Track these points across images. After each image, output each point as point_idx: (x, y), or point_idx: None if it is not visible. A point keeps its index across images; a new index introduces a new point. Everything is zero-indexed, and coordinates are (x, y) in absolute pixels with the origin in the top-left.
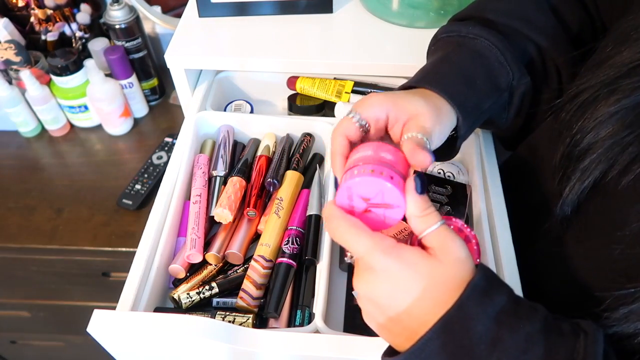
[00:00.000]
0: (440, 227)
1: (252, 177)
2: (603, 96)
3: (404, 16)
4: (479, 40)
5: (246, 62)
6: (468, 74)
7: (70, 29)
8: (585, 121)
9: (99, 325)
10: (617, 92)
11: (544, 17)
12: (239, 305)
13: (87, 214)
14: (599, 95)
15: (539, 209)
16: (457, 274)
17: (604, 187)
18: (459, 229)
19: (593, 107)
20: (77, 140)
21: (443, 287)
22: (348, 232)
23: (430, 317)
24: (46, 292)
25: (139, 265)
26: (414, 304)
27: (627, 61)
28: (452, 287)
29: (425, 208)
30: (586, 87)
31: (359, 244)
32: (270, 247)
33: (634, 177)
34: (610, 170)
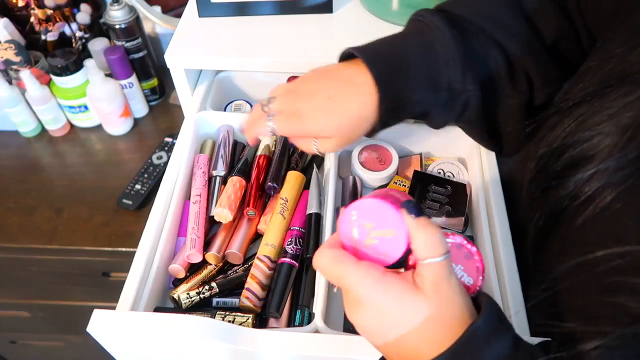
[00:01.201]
0: (443, 261)
1: (252, 177)
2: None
3: (404, 16)
4: (436, 33)
5: (246, 62)
6: (407, 59)
7: (70, 29)
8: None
9: (99, 325)
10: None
11: (515, 21)
12: (244, 305)
13: (87, 214)
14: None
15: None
16: (447, 313)
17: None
18: (459, 245)
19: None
20: (77, 140)
21: (433, 325)
22: (332, 264)
23: (424, 350)
24: (46, 292)
25: (139, 265)
26: (405, 337)
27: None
28: (444, 325)
29: (431, 232)
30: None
31: (344, 277)
32: (275, 247)
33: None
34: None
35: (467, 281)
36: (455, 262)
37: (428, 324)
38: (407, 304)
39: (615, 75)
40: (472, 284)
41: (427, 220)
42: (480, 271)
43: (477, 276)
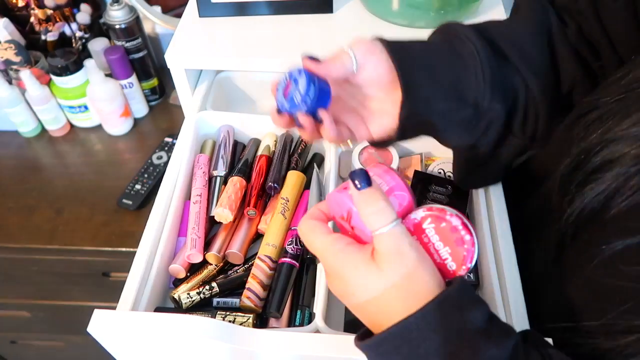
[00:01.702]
0: (392, 230)
1: (252, 177)
2: (625, 109)
3: (404, 16)
4: (467, 44)
5: (246, 62)
6: (435, 66)
7: (70, 29)
8: (605, 132)
9: (100, 325)
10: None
11: (541, 58)
12: (245, 305)
13: (87, 214)
14: (621, 107)
15: (538, 223)
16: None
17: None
18: (453, 228)
19: (613, 121)
20: (77, 140)
21: (392, 295)
22: (308, 231)
23: (387, 316)
24: (46, 292)
25: (139, 265)
26: (366, 304)
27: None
28: (406, 294)
29: (374, 202)
30: (605, 100)
31: (314, 244)
32: (277, 247)
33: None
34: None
35: (449, 265)
36: (444, 242)
37: (386, 294)
38: (362, 274)
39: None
40: (452, 270)
41: (370, 191)
42: (465, 261)
43: (461, 265)
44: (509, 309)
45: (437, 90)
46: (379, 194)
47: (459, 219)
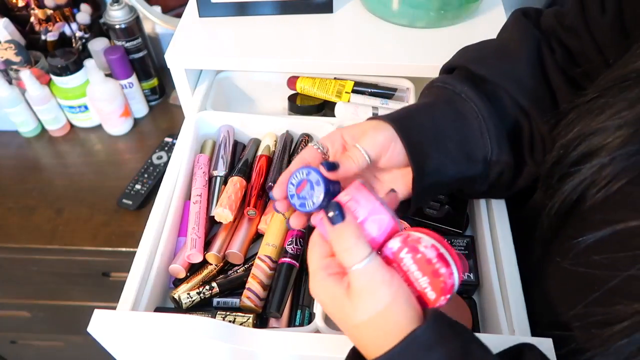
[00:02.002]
0: (365, 267)
1: (252, 177)
2: (602, 106)
3: (404, 16)
4: (468, 103)
5: (246, 62)
6: (442, 133)
7: (70, 29)
8: (583, 128)
9: (100, 325)
10: (617, 105)
11: (537, 84)
12: (245, 305)
13: (87, 214)
14: (598, 105)
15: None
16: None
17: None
18: (428, 261)
19: (590, 117)
20: (77, 140)
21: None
22: (310, 246)
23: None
24: (46, 292)
25: (139, 265)
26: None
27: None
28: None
29: (346, 239)
30: (583, 99)
31: (308, 261)
32: (277, 247)
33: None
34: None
35: (429, 295)
36: (422, 272)
37: (358, 331)
38: (338, 308)
39: (631, 72)
40: (433, 299)
41: (342, 228)
42: (444, 291)
43: (440, 295)
44: (508, 309)
45: (446, 157)
46: (351, 230)
47: (434, 250)
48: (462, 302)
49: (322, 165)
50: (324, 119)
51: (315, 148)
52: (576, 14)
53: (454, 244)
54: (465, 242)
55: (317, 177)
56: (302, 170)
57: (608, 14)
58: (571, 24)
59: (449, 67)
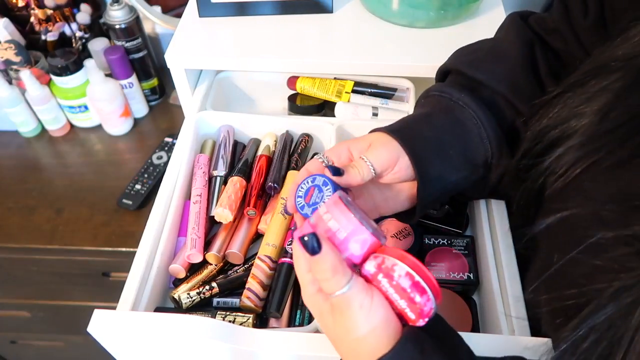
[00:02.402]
0: (344, 294)
1: (252, 177)
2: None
3: (404, 16)
4: (466, 110)
5: (246, 62)
6: (443, 142)
7: (70, 29)
8: (548, 120)
9: (100, 325)
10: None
11: (530, 86)
12: (245, 305)
13: (87, 214)
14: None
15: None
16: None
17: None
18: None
19: (556, 110)
20: (77, 140)
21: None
22: (295, 256)
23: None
24: (46, 292)
25: (139, 265)
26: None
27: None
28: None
29: (325, 270)
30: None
31: (297, 272)
32: (277, 247)
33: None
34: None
35: (409, 314)
36: (400, 295)
37: (340, 348)
38: (324, 324)
39: (595, 67)
40: (413, 319)
41: (319, 259)
42: (422, 315)
43: (419, 317)
44: (509, 309)
45: (448, 165)
46: (327, 261)
47: (409, 278)
48: (462, 302)
49: (328, 168)
50: (324, 119)
51: (320, 161)
52: (560, 16)
53: (453, 244)
54: (465, 242)
55: (322, 179)
56: (307, 179)
57: (590, 16)
58: (555, 27)
59: (443, 69)
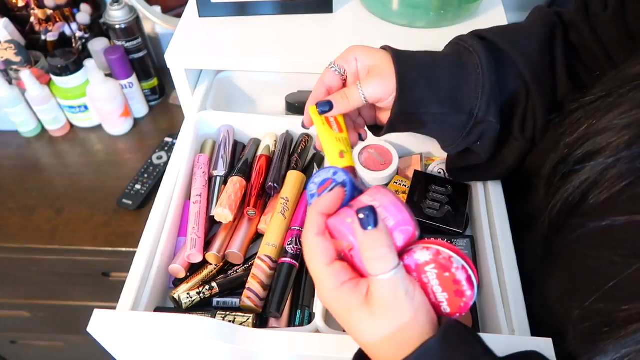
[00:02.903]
0: (391, 278)
1: (252, 177)
2: (608, 106)
3: (404, 16)
4: (473, 56)
5: (246, 62)
6: (436, 72)
7: (70, 29)
8: (589, 127)
9: (100, 325)
10: (625, 105)
11: (542, 62)
12: (245, 305)
13: (87, 214)
14: (605, 105)
15: (528, 220)
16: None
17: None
18: (456, 281)
19: (596, 116)
20: (77, 140)
21: (383, 343)
22: (309, 252)
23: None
24: (46, 292)
25: (139, 265)
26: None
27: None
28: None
29: (377, 247)
30: (590, 99)
31: (311, 269)
32: (277, 247)
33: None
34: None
35: (444, 308)
36: (443, 288)
37: (377, 344)
38: (355, 319)
39: (637, 73)
40: (446, 312)
41: (374, 234)
42: (460, 310)
43: (455, 312)
44: (508, 309)
45: (432, 94)
46: (383, 238)
47: (464, 272)
48: None
49: (317, 105)
50: None
51: (332, 70)
52: (577, 9)
53: (453, 244)
54: (465, 242)
55: (344, 177)
56: (328, 169)
57: (609, 10)
58: (571, 19)
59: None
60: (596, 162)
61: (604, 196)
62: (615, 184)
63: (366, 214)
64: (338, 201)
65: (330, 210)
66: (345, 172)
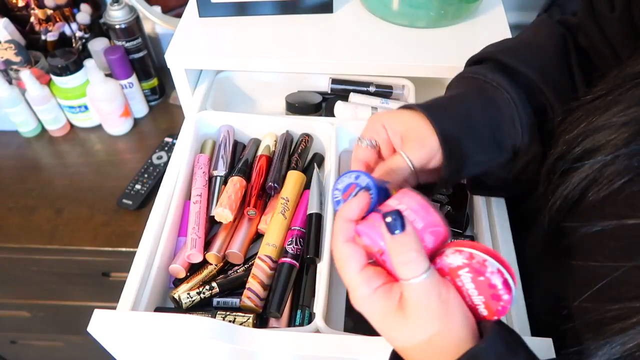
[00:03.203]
0: (422, 282)
1: (252, 177)
2: (608, 104)
3: (404, 16)
4: (500, 91)
5: (246, 62)
6: (474, 121)
7: (70, 29)
8: (588, 124)
9: (100, 325)
10: (624, 102)
11: (561, 78)
12: (245, 305)
13: (87, 214)
14: (604, 103)
15: (528, 218)
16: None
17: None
18: (492, 286)
19: (595, 114)
20: (77, 140)
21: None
22: (341, 260)
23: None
24: (46, 292)
25: (139, 265)
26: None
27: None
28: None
29: (405, 252)
30: (590, 97)
31: (344, 277)
32: (277, 247)
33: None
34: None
35: (480, 311)
36: (479, 291)
37: (412, 349)
38: (388, 325)
39: (637, 72)
40: (484, 315)
41: (402, 238)
42: (498, 313)
43: (493, 315)
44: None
45: (476, 144)
46: (412, 242)
47: (500, 276)
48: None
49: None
50: (323, 119)
51: (365, 146)
52: (583, 12)
53: None
54: None
55: (367, 180)
56: (350, 174)
57: (617, 11)
58: (579, 23)
59: (476, 59)
60: (595, 160)
61: (602, 194)
62: (614, 182)
63: (393, 218)
64: (364, 206)
65: (358, 216)
66: (368, 175)
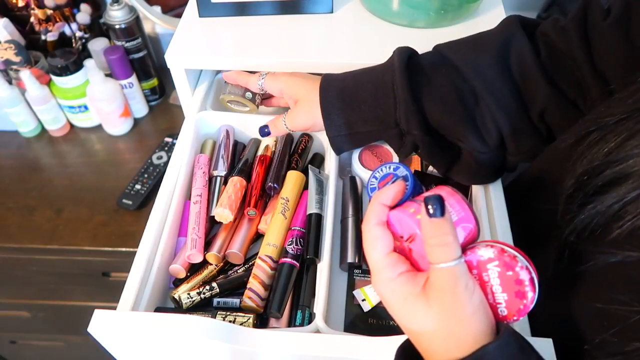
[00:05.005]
0: (453, 267)
1: (252, 177)
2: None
3: (404, 16)
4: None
5: (246, 62)
6: (358, 96)
7: (70, 29)
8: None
9: (100, 325)
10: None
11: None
12: (246, 305)
13: (87, 214)
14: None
15: (538, 239)
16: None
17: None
18: (519, 281)
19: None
20: (77, 140)
21: (439, 336)
22: (369, 241)
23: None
24: (46, 292)
25: (139, 265)
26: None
27: None
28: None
29: (442, 235)
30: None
31: (370, 257)
32: (277, 247)
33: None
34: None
35: (501, 310)
36: (503, 288)
37: (429, 334)
38: (409, 308)
39: None
40: (503, 315)
41: (441, 222)
42: (519, 313)
43: (513, 315)
44: None
45: (358, 117)
46: (449, 227)
47: (528, 273)
48: None
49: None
50: None
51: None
52: (574, 15)
53: None
54: None
55: (405, 171)
56: (389, 165)
57: (611, 19)
58: (564, 26)
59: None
60: (618, 193)
61: (626, 229)
62: (638, 217)
63: (434, 202)
64: (400, 193)
65: (393, 202)
66: (407, 167)
